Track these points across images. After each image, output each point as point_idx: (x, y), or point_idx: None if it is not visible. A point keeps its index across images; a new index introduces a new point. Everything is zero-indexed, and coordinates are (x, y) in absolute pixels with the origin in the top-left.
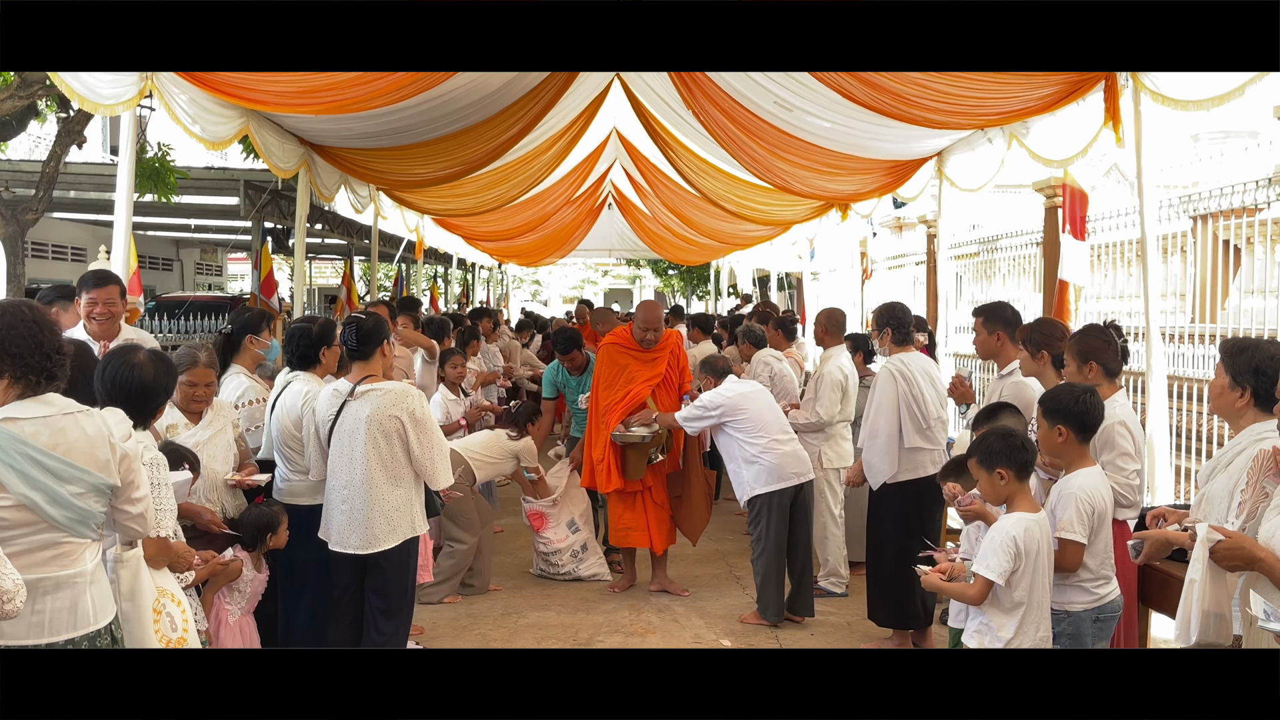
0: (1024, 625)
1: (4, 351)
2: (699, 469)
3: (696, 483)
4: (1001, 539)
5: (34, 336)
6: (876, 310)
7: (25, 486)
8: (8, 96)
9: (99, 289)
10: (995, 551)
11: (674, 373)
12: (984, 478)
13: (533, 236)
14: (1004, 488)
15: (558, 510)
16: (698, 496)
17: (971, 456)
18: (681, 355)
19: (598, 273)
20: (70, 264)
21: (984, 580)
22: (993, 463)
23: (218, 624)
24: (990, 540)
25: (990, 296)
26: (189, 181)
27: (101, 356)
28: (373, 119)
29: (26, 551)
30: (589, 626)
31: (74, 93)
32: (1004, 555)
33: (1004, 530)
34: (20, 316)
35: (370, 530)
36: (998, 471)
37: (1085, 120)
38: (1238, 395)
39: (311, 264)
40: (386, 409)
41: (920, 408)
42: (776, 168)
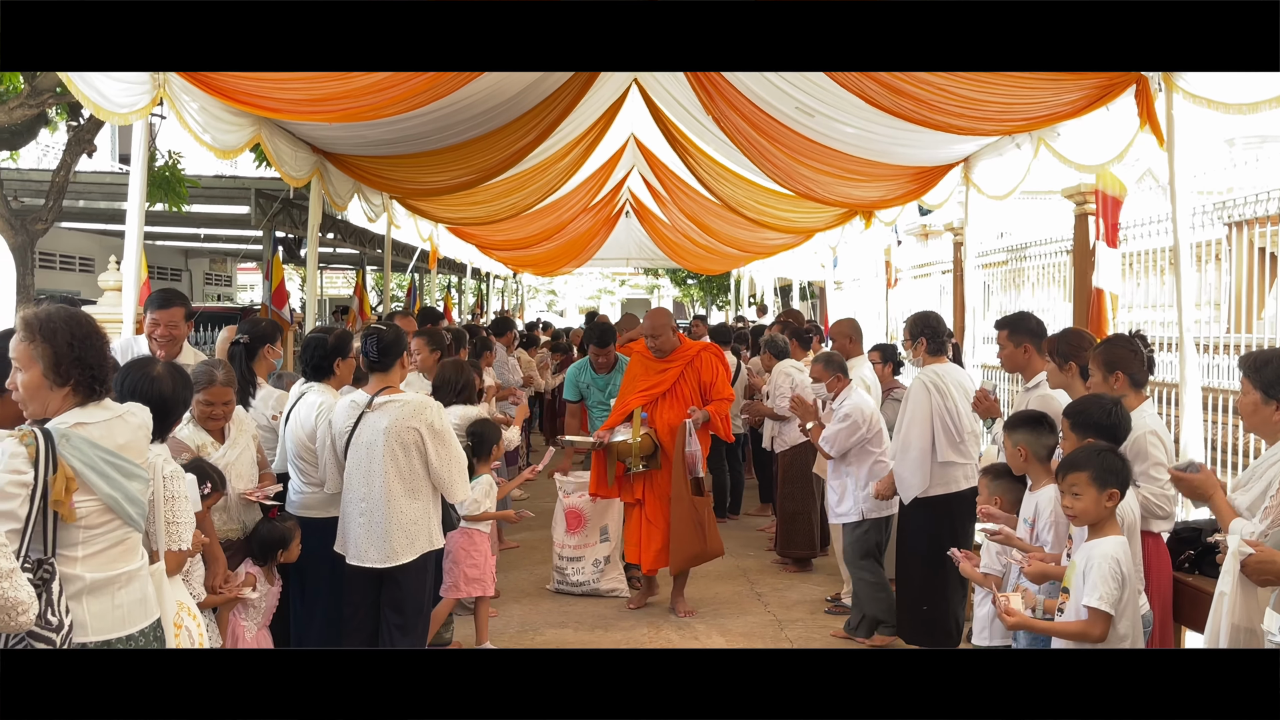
0: None
1: (79, 361)
2: (683, 494)
3: (679, 508)
4: (1108, 565)
5: (102, 349)
6: (910, 319)
7: (108, 487)
8: (18, 105)
9: (163, 310)
10: (1106, 579)
11: (685, 386)
12: (1092, 495)
13: (548, 245)
14: (1109, 508)
15: (596, 513)
16: (680, 523)
17: (1084, 469)
18: (705, 369)
19: (615, 282)
20: (78, 274)
21: (1101, 614)
22: (1107, 482)
23: (234, 641)
24: (1095, 569)
25: (1019, 306)
26: (199, 190)
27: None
28: (386, 126)
29: (106, 549)
30: (607, 644)
31: (88, 100)
32: (1113, 583)
33: (1107, 555)
34: (93, 329)
35: (389, 544)
36: (1110, 491)
37: (1117, 124)
38: (1273, 409)
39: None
40: (405, 420)
41: (954, 421)
42: (798, 174)
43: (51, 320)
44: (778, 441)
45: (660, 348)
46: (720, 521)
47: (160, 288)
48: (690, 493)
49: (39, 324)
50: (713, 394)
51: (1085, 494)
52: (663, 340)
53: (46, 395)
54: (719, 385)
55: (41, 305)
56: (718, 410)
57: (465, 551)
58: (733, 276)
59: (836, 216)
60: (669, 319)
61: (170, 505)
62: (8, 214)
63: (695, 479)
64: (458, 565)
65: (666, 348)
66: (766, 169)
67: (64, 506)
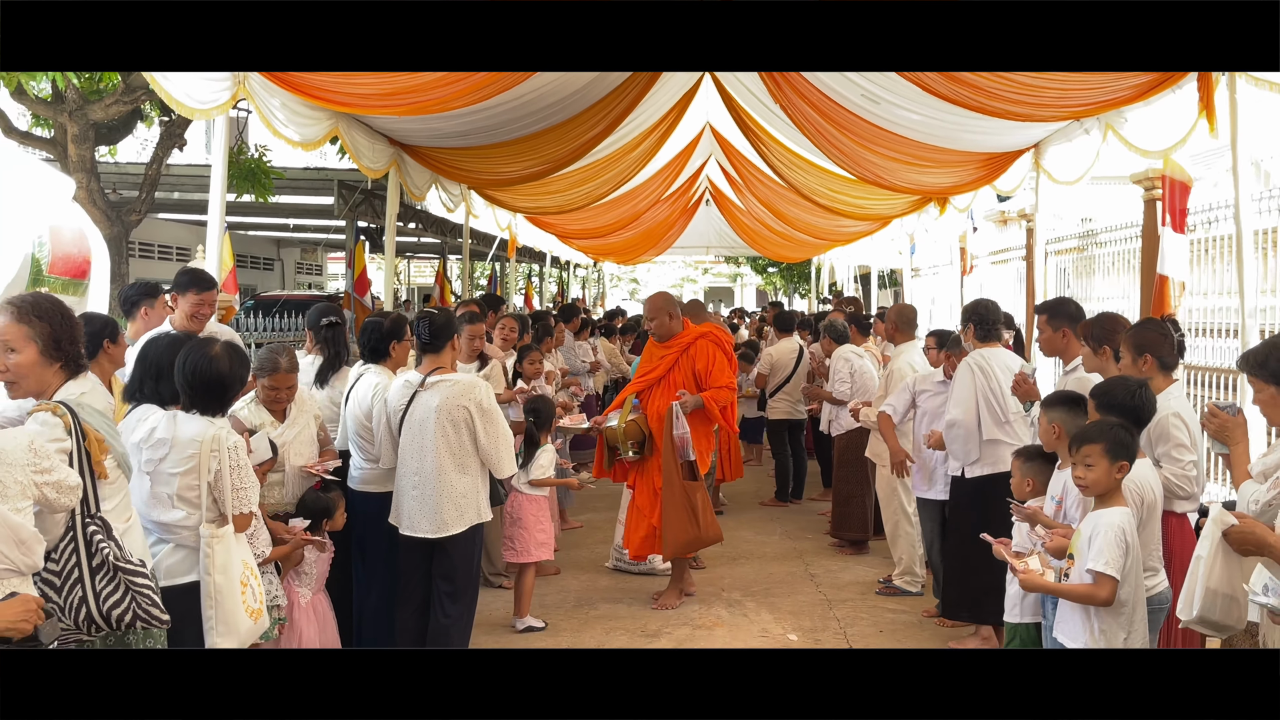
0: (1136, 626)
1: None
2: (674, 479)
3: (670, 493)
4: (1114, 533)
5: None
6: (964, 307)
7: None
8: (114, 101)
9: (209, 292)
10: (1111, 546)
11: (679, 373)
12: (1104, 466)
13: (626, 234)
14: (1118, 479)
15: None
16: (671, 509)
17: (1098, 441)
18: (700, 356)
19: (697, 271)
20: (174, 263)
21: (1106, 578)
22: (1118, 455)
23: (290, 607)
24: (1101, 535)
25: (1092, 292)
26: (286, 182)
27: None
28: (457, 119)
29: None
30: (658, 619)
31: (170, 97)
32: (1118, 550)
33: (1112, 524)
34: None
35: (440, 516)
36: (1120, 464)
37: (1184, 109)
38: None
39: (410, 263)
40: (455, 399)
41: (999, 401)
42: (866, 161)
43: (41, 303)
44: (834, 425)
45: (656, 332)
46: (782, 506)
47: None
48: (681, 477)
49: (31, 306)
50: (708, 381)
51: (1098, 465)
52: (658, 324)
53: (43, 372)
54: (715, 373)
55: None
56: (714, 398)
57: (535, 518)
58: (813, 264)
59: (911, 203)
60: (664, 303)
61: (235, 474)
62: (105, 206)
63: (688, 463)
64: (528, 531)
65: (662, 333)
66: (834, 156)
67: (101, 466)
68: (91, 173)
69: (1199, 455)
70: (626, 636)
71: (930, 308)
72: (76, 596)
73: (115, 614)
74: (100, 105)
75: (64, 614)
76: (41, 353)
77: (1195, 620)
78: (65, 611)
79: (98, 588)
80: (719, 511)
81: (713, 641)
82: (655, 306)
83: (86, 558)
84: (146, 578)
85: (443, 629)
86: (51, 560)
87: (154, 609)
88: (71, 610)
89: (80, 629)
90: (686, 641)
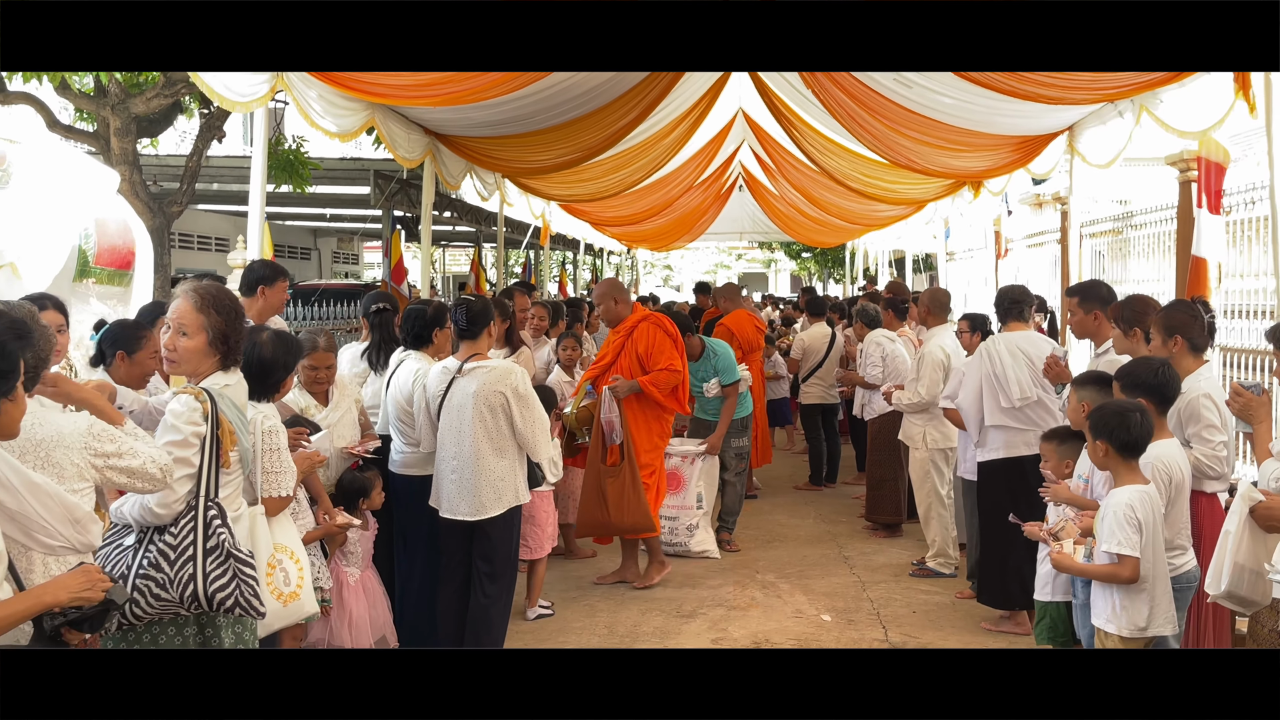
0: (1157, 602)
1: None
2: (595, 460)
3: (589, 473)
4: (1123, 512)
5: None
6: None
7: (245, 441)
8: (155, 95)
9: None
10: (1120, 524)
11: (626, 358)
12: (1090, 443)
13: (659, 220)
14: (1103, 459)
15: (693, 478)
16: (586, 489)
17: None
18: (642, 340)
19: (731, 256)
20: (214, 254)
21: (1129, 558)
22: (1098, 433)
23: (339, 587)
24: (1111, 516)
25: (1127, 275)
26: (323, 172)
27: None
28: (492, 108)
29: (234, 493)
30: (693, 600)
31: (211, 90)
32: (1129, 528)
33: (1121, 503)
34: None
35: (478, 498)
36: (1099, 442)
37: (1220, 89)
38: None
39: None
40: (492, 385)
41: (1001, 385)
42: (899, 145)
43: (221, 298)
44: (867, 410)
45: (604, 317)
46: (816, 490)
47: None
48: (602, 461)
49: (212, 299)
50: (649, 364)
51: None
52: (604, 310)
53: (201, 360)
54: (656, 355)
55: (204, 281)
56: (654, 381)
57: (545, 513)
58: (847, 249)
59: (945, 187)
60: (609, 289)
61: (269, 456)
62: (147, 198)
63: (619, 446)
64: (540, 528)
65: (609, 318)
66: (867, 141)
67: (227, 456)
68: (134, 165)
69: (1229, 435)
70: (662, 617)
71: (965, 291)
72: (186, 573)
73: (219, 597)
74: (142, 99)
75: (170, 587)
76: (209, 343)
77: (1223, 595)
78: (171, 584)
79: (207, 569)
80: (752, 495)
81: (747, 622)
82: (600, 293)
83: (203, 539)
84: (254, 569)
85: (482, 608)
86: (170, 534)
87: (254, 599)
88: (178, 584)
89: (181, 604)
90: (721, 621)
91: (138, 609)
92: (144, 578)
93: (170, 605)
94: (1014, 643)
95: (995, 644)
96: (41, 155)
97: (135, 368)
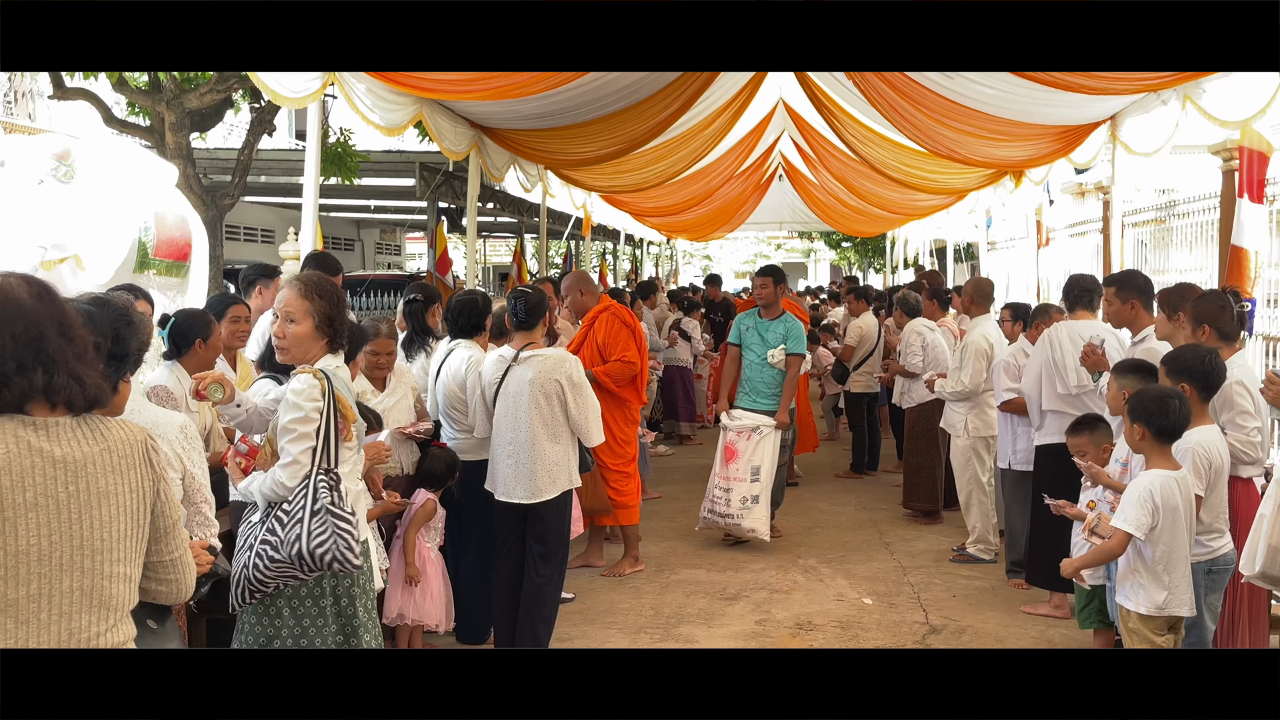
0: (1175, 584)
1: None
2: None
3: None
4: (1140, 494)
5: (346, 309)
6: None
7: (360, 417)
8: (207, 90)
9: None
10: (1134, 505)
11: (588, 348)
12: (1127, 427)
13: (700, 211)
14: (1138, 442)
15: (749, 451)
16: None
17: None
18: (600, 330)
19: (771, 246)
20: (261, 245)
21: (1121, 533)
22: (1135, 417)
23: (423, 561)
24: (1129, 495)
25: (1168, 264)
26: (368, 164)
27: None
28: (537, 101)
29: (353, 468)
30: (736, 583)
31: (265, 87)
32: (1142, 510)
33: (1142, 485)
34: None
35: (534, 482)
36: (1136, 426)
37: (1263, 79)
38: None
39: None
40: (548, 373)
41: (1060, 373)
42: (940, 135)
43: (323, 284)
44: (905, 398)
45: (570, 308)
46: (857, 478)
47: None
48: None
49: (315, 286)
50: (607, 354)
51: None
52: (570, 301)
53: (310, 344)
54: (612, 345)
55: (308, 271)
56: (607, 371)
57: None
58: (888, 239)
59: (986, 176)
60: (576, 280)
61: None
62: (200, 191)
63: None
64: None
65: (576, 309)
66: (908, 131)
67: (348, 429)
68: (187, 159)
69: (1264, 422)
70: (706, 599)
71: (1007, 281)
72: (294, 534)
73: (319, 552)
74: (195, 94)
75: (281, 548)
76: (316, 327)
77: (1258, 575)
78: (282, 545)
79: (311, 528)
80: (794, 483)
81: (790, 605)
82: (567, 285)
83: (311, 502)
84: (351, 525)
85: (536, 587)
86: (287, 503)
87: (349, 552)
88: (287, 545)
89: (291, 563)
90: (765, 604)
91: (258, 574)
92: (263, 543)
93: (285, 567)
94: (1052, 625)
95: (1035, 626)
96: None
97: (210, 352)
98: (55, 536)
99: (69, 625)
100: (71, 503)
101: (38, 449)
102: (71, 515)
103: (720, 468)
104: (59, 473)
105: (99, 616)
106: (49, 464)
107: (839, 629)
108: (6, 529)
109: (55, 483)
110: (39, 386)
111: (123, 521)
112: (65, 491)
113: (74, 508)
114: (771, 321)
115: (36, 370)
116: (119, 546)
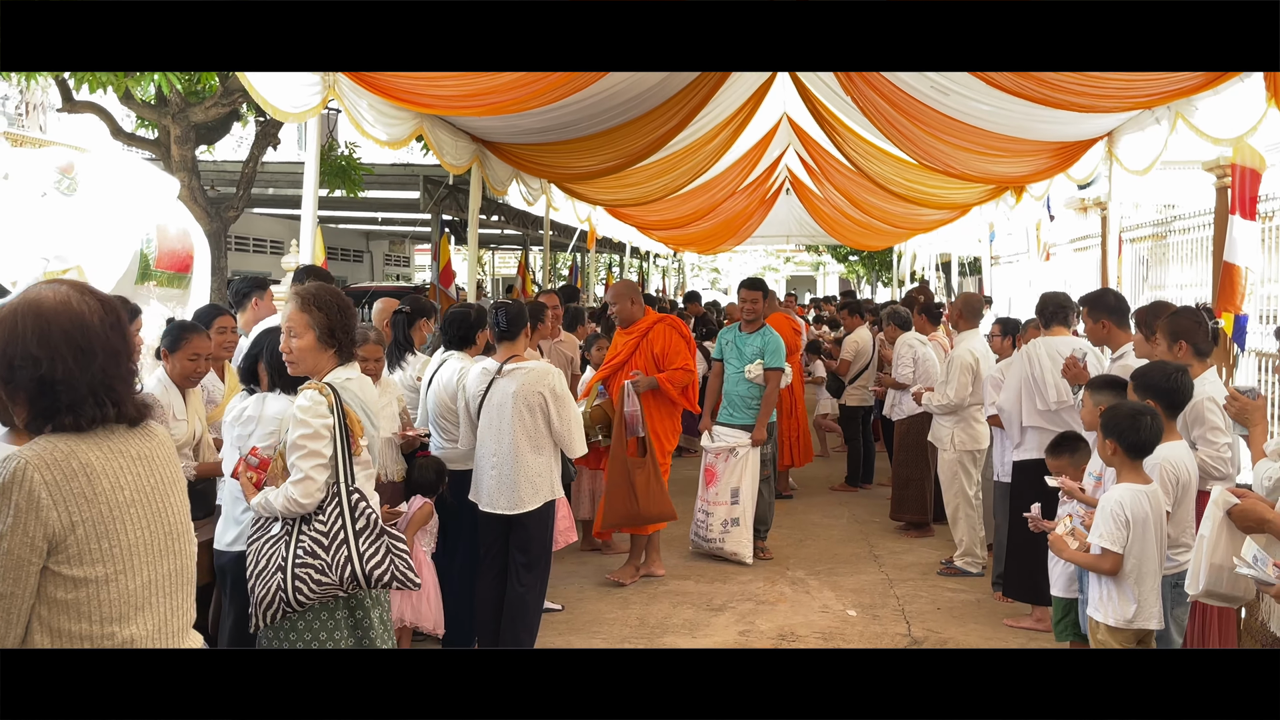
0: (1144, 597)
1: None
2: (619, 453)
3: (614, 466)
4: (1111, 507)
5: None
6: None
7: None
8: (213, 104)
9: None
10: (1107, 519)
11: (640, 358)
12: (1100, 441)
13: (704, 224)
14: (1110, 456)
15: (728, 473)
16: (610, 483)
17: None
18: (658, 340)
19: (779, 259)
20: (269, 256)
21: (1110, 553)
22: (1108, 432)
23: (419, 563)
24: (1101, 510)
25: (1166, 279)
26: (374, 177)
27: None
28: (536, 116)
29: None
30: (723, 594)
31: (265, 102)
32: (1116, 523)
33: (1112, 499)
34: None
35: (517, 493)
36: (1108, 441)
37: (1255, 96)
38: None
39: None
40: (531, 385)
41: (1039, 388)
42: (937, 150)
43: (322, 295)
44: (895, 410)
45: (619, 317)
46: (851, 491)
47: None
48: (627, 452)
49: (313, 298)
50: (665, 364)
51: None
52: (619, 309)
53: (317, 357)
54: (671, 355)
55: (307, 283)
56: (670, 379)
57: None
58: (894, 253)
59: (986, 192)
60: (626, 289)
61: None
62: (205, 203)
63: (638, 439)
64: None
65: (624, 318)
66: (905, 146)
67: (358, 444)
68: (193, 171)
69: (1233, 438)
70: (692, 610)
71: (1009, 295)
72: (343, 556)
73: (376, 574)
74: (201, 108)
75: (329, 570)
76: (318, 339)
77: (1202, 594)
78: (330, 568)
79: (361, 549)
80: (788, 496)
81: (775, 616)
82: (618, 293)
83: (350, 521)
84: (405, 543)
85: (519, 596)
86: (319, 522)
87: (409, 571)
88: (337, 568)
89: (341, 586)
90: (749, 615)
91: (300, 596)
92: (302, 566)
93: (331, 589)
94: (1034, 638)
95: (1016, 640)
96: (106, 164)
97: (177, 365)
98: (153, 526)
99: (170, 604)
100: (155, 494)
101: (118, 450)
102: (157, 505)
103: (702, 490)
104: (139, 468)
105: (186, 594)
106: (130, 461)
107: (821, 640)
108: (117, 527)
109: (139, 478)
110: (111, 417)
111: (186, 505)
112: (149, 484)
113: (158, 498)
114: (750, 335)
115: (106, 404)
116: (189, 528)
